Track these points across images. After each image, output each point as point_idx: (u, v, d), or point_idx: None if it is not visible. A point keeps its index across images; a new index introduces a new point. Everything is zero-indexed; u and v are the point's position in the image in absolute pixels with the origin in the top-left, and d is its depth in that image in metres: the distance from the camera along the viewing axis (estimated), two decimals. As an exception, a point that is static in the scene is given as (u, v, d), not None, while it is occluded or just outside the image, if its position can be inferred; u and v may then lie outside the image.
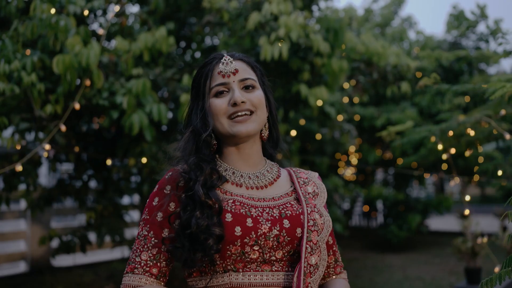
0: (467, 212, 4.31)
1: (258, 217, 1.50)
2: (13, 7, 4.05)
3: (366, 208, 12.48)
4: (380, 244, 10.52)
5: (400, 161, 9.47)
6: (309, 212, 1.57)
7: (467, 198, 4.17)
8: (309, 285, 1.50)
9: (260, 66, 1.74)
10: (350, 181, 11.12)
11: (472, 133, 3.96)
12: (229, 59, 1.61)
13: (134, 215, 8.20)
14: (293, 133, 6.64)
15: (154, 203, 1.55)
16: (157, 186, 1.58)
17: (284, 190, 1.65)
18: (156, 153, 4.81)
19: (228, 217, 1.47)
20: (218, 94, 1.58)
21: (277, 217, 1.52)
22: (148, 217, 1.55)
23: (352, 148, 9.17)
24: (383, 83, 6.87)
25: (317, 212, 1.59)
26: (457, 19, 10.70)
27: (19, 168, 3.81)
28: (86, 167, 5.69)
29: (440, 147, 3.89)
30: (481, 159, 7.25)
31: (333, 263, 1.73)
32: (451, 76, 9.88)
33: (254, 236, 1.46)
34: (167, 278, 1.55)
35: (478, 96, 3.86)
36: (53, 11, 3.83)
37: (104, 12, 5.22)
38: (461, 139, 4.04)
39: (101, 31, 4.48)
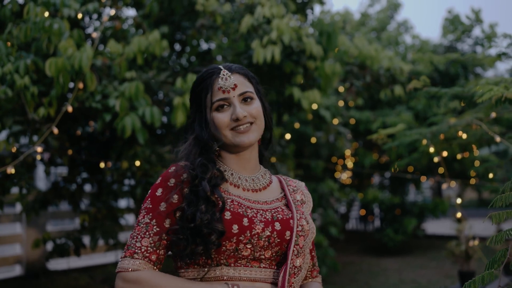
0: (459, 215, 4.32)
1: (253, 218, 1.62)
2: (7, 10, 4.06)
3: (363, 212, 12.48)
4: (376, 248, 10.52)
5: (392, 163, 9.48)
6: (298, 218, 1.71)
7: (459, 201, 4.18)
8: (292, 284, 1.64)
9: (253, 72, 1.87)
10: (346, 184, 11.12)
11: (464, 136, 3.98)
12: (227, 73, 1.70)
13: (130, 218, 8.20)
14: (288, 136, 6.66)
15: (157, 194, 1.63)
16: (160, 178, 1.67)
17: (275, 195, 1.78)
18: (149, 156, 4.82)
19: (227, 215, 1.58)
20: (220, 109, 1.69)
21: (269, 219, 1.65)
22: (151, 206, 1.62)
23: (348, 152, 9.18)
24: (377, 86, 6.89)
25: (304, 219, 1.72)
26: (453, 24, 10.75)
27: (11, 170, 3.81)
28: (80, 170, 5.69)
29: (431, 150, 3.91)
30: (477, 163, 7.25)
31: (311, 266, 1.87)
32: (447, 80, 9.90)
33: (249, 235, 1.58)
34: (161, 265, 1.63)
35: (467, 99, 3.88)
36: (46, 14, 3.85)
37: (100, 16, 5.24)
38: (453, 142, 4.05)
39: (94, 34, 4.49)
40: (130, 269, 1.54)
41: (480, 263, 5.71)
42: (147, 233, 1.58)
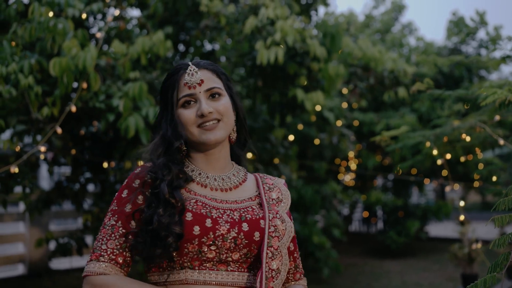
0: (462, 218, 4.32)
1: (218, 219, 1.55)
2: (12, 10, 4.07)
3: (365, 214, 12.46)
4: (379, 250, 10.50)
5: (395, 165, 9.46)
6: (270, 218, 1.63)
7: (462, 203, 4.18)
8: None
9: (257, 73, 1.82)
10: (349, 186, 11.11)
11: (468, 138, 3.96)
12: (194, 69, 1.65)
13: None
14: (291, 137, 6.66)
15: (123, 195, 1.60)
16: (126, 180, 1.64)
17: (248, 194, 1.71)
18: (153, 157, 4.81)
19: (189, 216, 1.53)
20: (186, 105, 1.64)
21: (236, 220, 1.58)
22: (116, 208, 1.59)
23: (351, 154, 9.17)
24: (380, 88, 6.88)
25: (279, 218, 1.65)
26: (457, 26, 10.72)
27: (14, 170, 3.82)
28: (83, 170, 5.71)
29: (435, 152, 3.90)
30: (481, 166, 7.23)
31: (293, 269, 1.77)
32: (451, 82, 9.88)
33: (212, 236, 1.52)
34: (130, 268, 1.58)
35: (471, 102, 3.87)
36: (51, 14, 3.86)
37: (104, 16, 5.25)
38: (457, 144, 4.04)
39: (98, 34, 4.50)
40: (96, 273, 1.50)
41: (483, 266, 5.69)
42: (113, 235, 1.54)
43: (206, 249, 1.52)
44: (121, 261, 1.53)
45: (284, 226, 1.64)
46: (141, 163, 5.18)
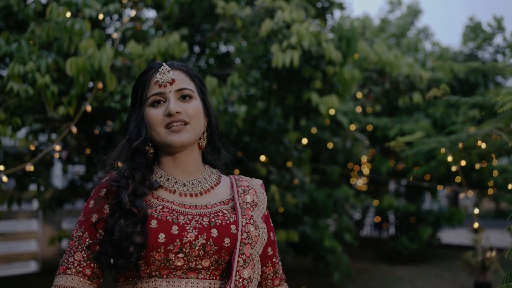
0: (476, 225, 4.27)
1: (185, 225, 1.50)
2: (30, 10, 4.12)
3: (377, 219, 12.40)
4: (390, 256, 10.43)
5: (408, 170, 9.40)
6: (243, 224, 1.56)
7: (476, 211, 4.13)
8: None
9: (272, 76, 1.75)
10: (362, 191, 11.06)
11: (483, 145, 3.92)
12: (166, 68, 1.59)
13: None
14: (305, 141, 6.65)
15: (90, 206, 1.56)
16: (94, 190, 1.60)
17: (220, 198, 1.64)
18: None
19: (153, 223, 1.47)
20: (155, 104, 1.57)
21: (205, 225, 1.52)
22: (83, 218, 1.55)
23: (364, 158, 9.13)
24: (395, 93, 6.85)
25: (252, 224, 1.58)
26: (474, 31, 10.64)
27: (30, 168, 3.85)
28: (97, 169, 5.74)
29: (450, 158, 3.86)
30: (495, 173, 7.16)
31: (272, 274, 1.71)
32: (466, 88, 9.80)
33: (179, 243, 1.46)
34: (101, 280, 1.55)
35: (487, 109, 3.84)
36: (68, 14, 3.90)
37: (120, 16, 5.29)
38: (472, 151, 4.00)
39: (114, 35, 4.53)
40: (63, 286, 1.48)
41: (497, 275, 5.62)
42: (80, 246, 1.51)
43: (173, 257, 1.46)
44: (89, 272, 1.50)
45: (257, 233, 1.58)
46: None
